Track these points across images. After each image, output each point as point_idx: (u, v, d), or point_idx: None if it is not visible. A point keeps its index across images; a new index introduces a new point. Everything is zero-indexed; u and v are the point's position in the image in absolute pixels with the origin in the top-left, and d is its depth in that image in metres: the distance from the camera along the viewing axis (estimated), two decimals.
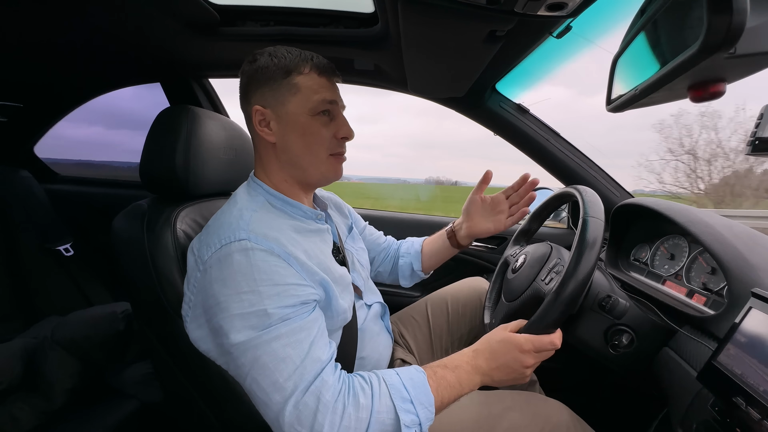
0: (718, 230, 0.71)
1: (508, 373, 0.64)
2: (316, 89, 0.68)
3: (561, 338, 0.65)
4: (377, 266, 1.09)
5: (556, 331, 0.65)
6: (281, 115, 0.68)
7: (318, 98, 0.67)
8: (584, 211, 0.67)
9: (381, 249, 1.08)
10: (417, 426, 0.56)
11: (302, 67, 0.67)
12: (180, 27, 0.92)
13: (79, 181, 1.72)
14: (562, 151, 1.18)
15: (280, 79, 0.67)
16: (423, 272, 1.05)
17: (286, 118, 0.67)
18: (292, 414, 0.53)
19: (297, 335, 0.57)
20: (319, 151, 0.70)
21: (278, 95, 0.67)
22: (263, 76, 0.67)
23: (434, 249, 1.04)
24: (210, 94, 1.41)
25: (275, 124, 0.68)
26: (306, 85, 0.67)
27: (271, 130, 0.68)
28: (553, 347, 0.64)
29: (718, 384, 0.52)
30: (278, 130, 0.68)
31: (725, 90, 0.39)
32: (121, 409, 1.03)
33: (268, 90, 0.67)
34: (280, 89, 0.67)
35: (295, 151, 0.69)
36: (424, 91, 1.14)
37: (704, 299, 0.73)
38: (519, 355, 0.63)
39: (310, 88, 0.67)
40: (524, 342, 0.63)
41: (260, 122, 0.68)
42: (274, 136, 0.69)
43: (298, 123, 0.68)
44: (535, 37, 0.77)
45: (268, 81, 0.67)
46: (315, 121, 0.68)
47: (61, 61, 1.18)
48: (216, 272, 0.59)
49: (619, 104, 0.51)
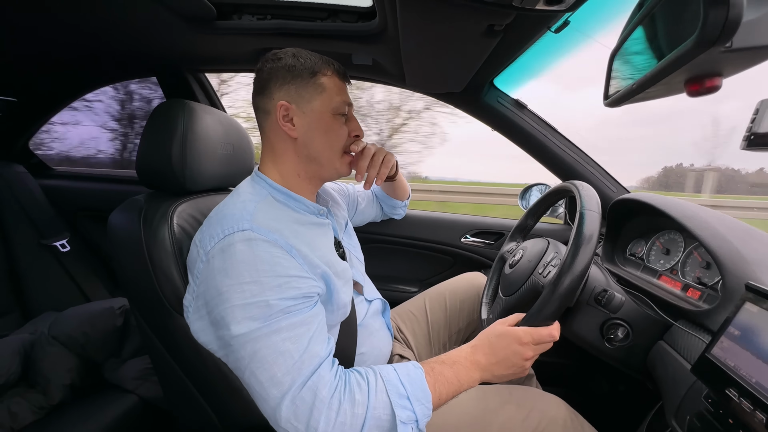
0: (713, 225, 0.71)
1: (508, 367, 0.64)
2: (338, 91, 0.72)
3: (559, 330, 0.66)
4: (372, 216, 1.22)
5: (555, 323, 0.65)
6: (306, 112, 0.70)
7: (339, 99, 0.72)
8: (581, 205, 0.68)
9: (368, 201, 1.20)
10: (413, 422, 0.56)
11: (326, 69, 0.71)
12: (176, 20, 0.91)
13: (75, 177, 1.71)
14: (559, 147, 1.19)
15: (307, 78, 0.70)
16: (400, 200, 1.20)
17: (311, 115, 0.71)
18: (289, 409, 0.54)
19: (297, 329, 0.57)
20: (337, 148, 0.74)
21: (304, 93, 0.70)
22: (290, 74, 0.70)
23: (386, 187, 1.18)
24: (206, 89, 1.40)
25: (299, 120, 0.70)
26: (330, 86, 0.71)
27: (294, 125, 0.70)
28: (551, 339, 0.65)
29: (711, 376, 0.52)
30: (301, 126, 0.71)
31: (722, 84, 0.39)
32: (120, 404, 1.03)
33: (294, 87, 0.70)
34: (307, 87, 0.70)
35: (316, 146, 0.72)
36: (421, 86, 1.14)
37: (699, 293, 0.74)
38: (518, 348, 0.63)
39: (333, 90, 0.72)
40: (523, 335, 0.64)
41: (284, 117, 0.70)
42: (296, 132, 0.71)
43: (323, 120, 0.71)
44: (534, 31, 0.77)
45: (295, 79, 0.70)
46: (336, 120, 0.73)
47: (56, 54, 1.16)
48: (219, 262, 0.59)
49: (617, 99, 0.51)
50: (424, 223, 1.41)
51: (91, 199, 1.62)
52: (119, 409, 1.01)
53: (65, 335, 1.09)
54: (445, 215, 1.44)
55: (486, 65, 0.88)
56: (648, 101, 0.50)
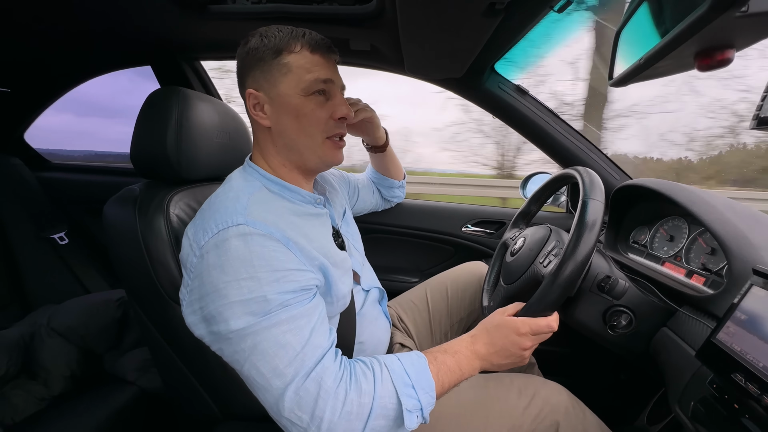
0: (719, 209, 0.70)
1: (506, 357, 0.64)
2: (309, 68, 0.65)
3: (558, 321, 0.65)
4: (372, 204, 1.20)
5: (554, 313, 0.65)
6: (273, 98, 0.65)
7: (311, 77, 0.65)
8: (584, 193, 0.66)
9: (367, 188, 1.17)
10: (418, 411, 0.56)
11: (293, 45, 0.64)
12: (169, 5, 0.89)
13: (72, 169, 1.69)
14: (561, 134, 1.17)
15: (270, 60, 0.64)
16: (396, 179, 1.18)
17: (278, 100, 0.65)
18: (293, 400, 0.53)
19: (297, 321, 0.56)
20: (314, 134, 0.67)
21: (269, 77, 0.65)
22: (254, 58, 0.65)
23: (379, 165, 1.15)
24: (202, 77, 1.38)
25: (269, 107, 0.66)
26: (298, 64, 0.64)
27: (265, 113, 0.67)
28: (549, 330, 0.64)
29: (717, 361, 0.52)
30: (272, 113, 0.66)
31: (733, 57, 0.37)
32: (120, 395, 1.03)
33: (259, 72, 0.65)
34: (271, 70, 0.64)
35: (290, 134, 0.67)
36: (421, 71, 1.11)
37: (703, 279, 0.73)
38: (516, 338, 0.63)
39: (302, 67, 0.64)
40: (521, 325, 0.63)
41: (255, 106, 0.67)
42: (268, 120, 0.67)
43: (291, 104, 0.65)
44: (536, 11, 0.75)
45: (259, 62, 0.65)
46: (309, 101, 0.65)
47: (49, 43, 1.14)
48: (213, 258, 0.57)
49: (623, 77, 0.49)
50: (424, 213, 1.40)
51: (89, 191, 1.61)
52: (120, 400, 1.01)
53: (64, 327, 1.09)
54: (445, 205, 1.43)
55: (486, 49, 0.86)
56: (655, 79, 0.49)
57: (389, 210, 1.30)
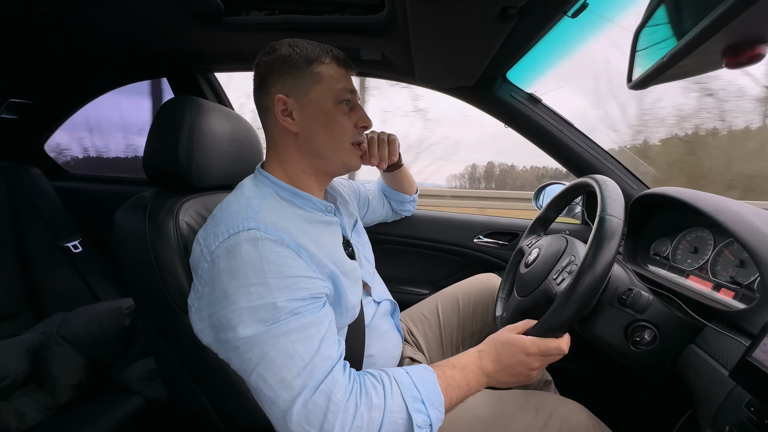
0: (748, 219, 0.66)
1: (512, 375, 0.63)
2: (338, 78, 0.69)
3: (569, 343, 0.63)
4: (383, 215, 1.19)
5: (565, 335, 0.63)
6: (304, 104, 0.68)
7: (340, 87, 0.68)
8: (602, 209, 0.63)
9: (378, 199, 1.17)
10: (428, 426, 0.54)
11: (323, 57, 0.68)
12: (184, 17, 0.91)
13: (88, 179, 1.73)
14: (576, 143, 1.14)
15: (303, 68, 0.67)
16: (408, 194, 1.17)
17: (309, 106, 0.68)
18: (301, 413, 0.51)
19: (307, 331, 0.55)
20: (342, 139, 0.70)
21: (301, 84, 0.67)
22: (286, 65, 0.67)
23: (391, 182, 1.14)
24: (215, 88, 1.41)
25: (298, 113, 0.68)
26: (328, 74, 0.68)
27: (293, 119, 0.68)
28: (559, 353, 0.62)
29: (754, 381, 0.48)
30: (301, 119, 0.68)
31: (766, 53, 0.35)
32: (126, 405, 1.02)
33: (290, 79, 0.67)
34: (303, 77, 0.67)
35: (318, 139, 0.69)
36: (432, 80, 1.11)
37: (732, 293, 0.69)
38: (524, 357, 0.61)
39: (332, 77, 0.68)
40: (530, 345, 0.61)
41: (282, 112, 0.68)
42: (296, 126, 0.68)
43: (322, 111, 0.68)
44: (549, 16, 0.74)
45: (291, 70, 0.67)
46: (337, 109, 0.69)
47: (70, 56, 1.18)
48: (224, 263, 0.56)
49: (644, 78, 0.47)
50: (435, 224, 1.37)
51: (104, 200, 1.64)
52: (125, 410, 1.00)
53: (73, 335, 1.09)
54: (457, 215, 1.41)
55: (498, 56, 0.85)
56: (677, 81, 0.47)
57: (399, 221, 1.28)
